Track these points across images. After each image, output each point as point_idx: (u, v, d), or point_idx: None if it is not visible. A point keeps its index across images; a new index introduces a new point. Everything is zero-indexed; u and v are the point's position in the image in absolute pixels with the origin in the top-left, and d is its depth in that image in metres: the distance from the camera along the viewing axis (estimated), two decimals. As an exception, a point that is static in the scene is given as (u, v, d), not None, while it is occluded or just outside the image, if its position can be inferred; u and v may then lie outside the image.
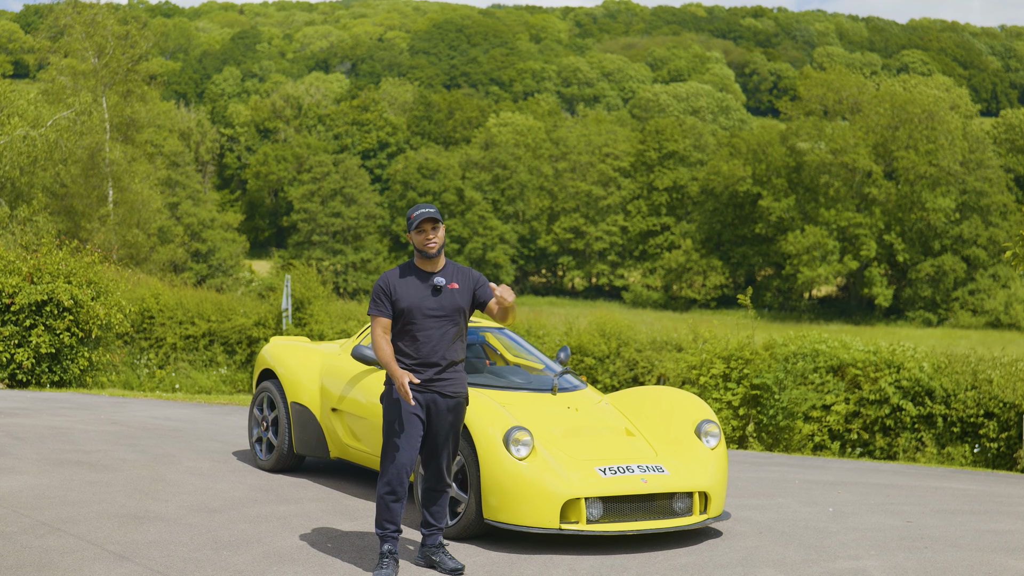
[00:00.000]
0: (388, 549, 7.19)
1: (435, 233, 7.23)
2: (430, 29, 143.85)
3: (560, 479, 7.81)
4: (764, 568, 7.55)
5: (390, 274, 7.30)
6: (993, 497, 10.80)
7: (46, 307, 18.35)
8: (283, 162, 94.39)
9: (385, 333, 7.24)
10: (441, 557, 7.34)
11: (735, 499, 9.83)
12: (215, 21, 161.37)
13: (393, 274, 7.30)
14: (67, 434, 11.81)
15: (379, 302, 7.22)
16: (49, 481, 9.38)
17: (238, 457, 10.93)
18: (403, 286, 7.25)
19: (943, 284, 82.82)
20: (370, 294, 7.27)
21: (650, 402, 8.96)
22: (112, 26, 50.37)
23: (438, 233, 7.25)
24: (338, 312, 23.17)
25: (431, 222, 7.21)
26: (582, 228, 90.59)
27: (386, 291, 7.23)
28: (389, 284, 7.25)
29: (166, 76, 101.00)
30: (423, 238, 7.21)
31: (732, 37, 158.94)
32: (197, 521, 8.28)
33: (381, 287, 7.24)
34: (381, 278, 7.26)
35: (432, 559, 7.38)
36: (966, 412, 14.96)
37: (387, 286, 7.24)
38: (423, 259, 7.29)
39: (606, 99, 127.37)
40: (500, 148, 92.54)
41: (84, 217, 47.47)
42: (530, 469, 7.82)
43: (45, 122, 40.91)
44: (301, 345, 10.53)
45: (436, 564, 7.34)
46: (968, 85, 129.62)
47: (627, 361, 19.53)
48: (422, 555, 7.46)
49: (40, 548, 7.43)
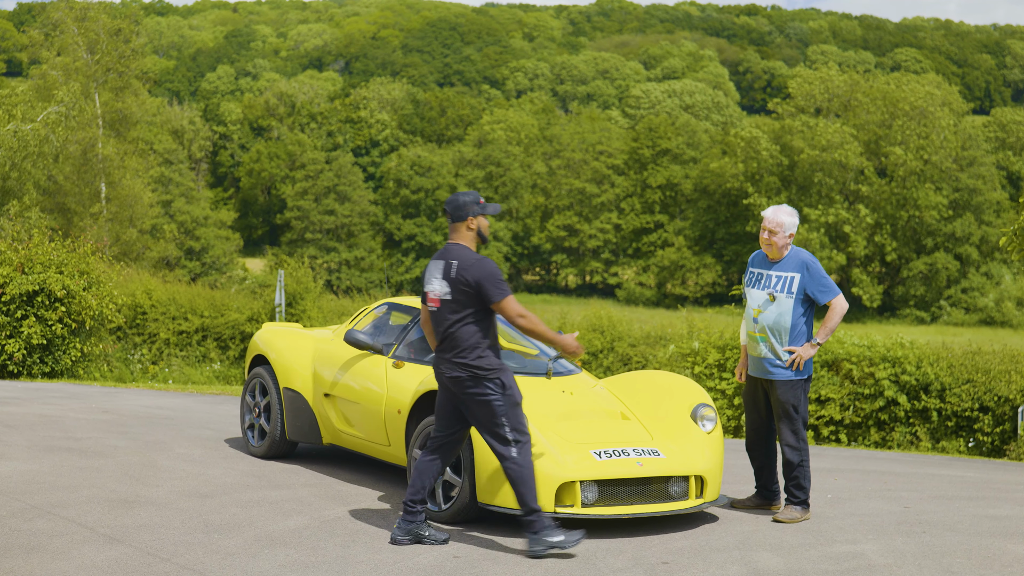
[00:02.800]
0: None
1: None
2: (424, 27, 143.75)
3: (555, 462, 7.74)
4: (761, 552, 7.49)
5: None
6: (991, 484, 10.74)
7: (37, 297, 18.24)
8: (276, 160, 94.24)
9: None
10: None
11: (731, 484, 9.76)
12: (208, 19, 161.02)
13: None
14: (58, 422, 11.72)
15: (504, 282, 7.50)
16: (39, 467, 9.30)
17: (230, 444, 10.85)
18: None
19: (935, 282, 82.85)
20: (495, 278, 7.39)
21: (645, 386, 8.90)
22: (105, 22, 50.23)
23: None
24: (331, 307, 23.08)
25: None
26: (576, 226, 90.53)
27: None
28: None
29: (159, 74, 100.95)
30: (487, 225, 7.64)
31: (726, 35, 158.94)
32: (188, 506, 8.21)
33: (500, 270, 7.54)
34: (494, 263, 7.45)
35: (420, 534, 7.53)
36: (961, 406, 14.90)
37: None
38: (478, 246, 7.65)
39: (601, 97, 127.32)
40: (494, 145, 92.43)
41: (77, 214, 47.29)
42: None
43: (36, 117, 40.76)
44: (293, 331, 10.45)
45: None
46: (961, 83, 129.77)
47: (621, 356, 19.46)
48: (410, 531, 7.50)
49: (29, 531, 7.36)
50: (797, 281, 8.35)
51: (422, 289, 7.70)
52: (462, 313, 7.40)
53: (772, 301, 8.37)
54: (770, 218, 8.42)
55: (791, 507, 8.43)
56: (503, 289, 7.38)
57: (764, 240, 8.44)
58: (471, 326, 7.40)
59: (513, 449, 7.33)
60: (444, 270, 7.48)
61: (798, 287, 8.35)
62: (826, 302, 8.37)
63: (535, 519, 7.28)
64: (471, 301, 7.39)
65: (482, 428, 7.41)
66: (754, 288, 8.53)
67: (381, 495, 8.89)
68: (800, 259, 8.40)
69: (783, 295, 8.36)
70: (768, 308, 8.39)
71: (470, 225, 7.54)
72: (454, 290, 7.40)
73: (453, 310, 7.42)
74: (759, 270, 8.56)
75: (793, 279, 8.37)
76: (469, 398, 7.38)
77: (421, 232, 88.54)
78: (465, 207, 7.52)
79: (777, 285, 8.39)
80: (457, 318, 7.41)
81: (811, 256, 8.43)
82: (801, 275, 8.36)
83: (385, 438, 8.90)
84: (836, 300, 8.37)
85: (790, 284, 8.36)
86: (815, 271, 8.36)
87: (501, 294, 7.36)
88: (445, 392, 7.54)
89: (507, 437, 7.34)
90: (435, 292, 7.52)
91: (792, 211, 8.45)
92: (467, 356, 7.37)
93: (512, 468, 7.32)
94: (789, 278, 8.38)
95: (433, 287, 7.54)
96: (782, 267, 8.44)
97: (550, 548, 7.23)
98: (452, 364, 7.40)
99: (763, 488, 8.74)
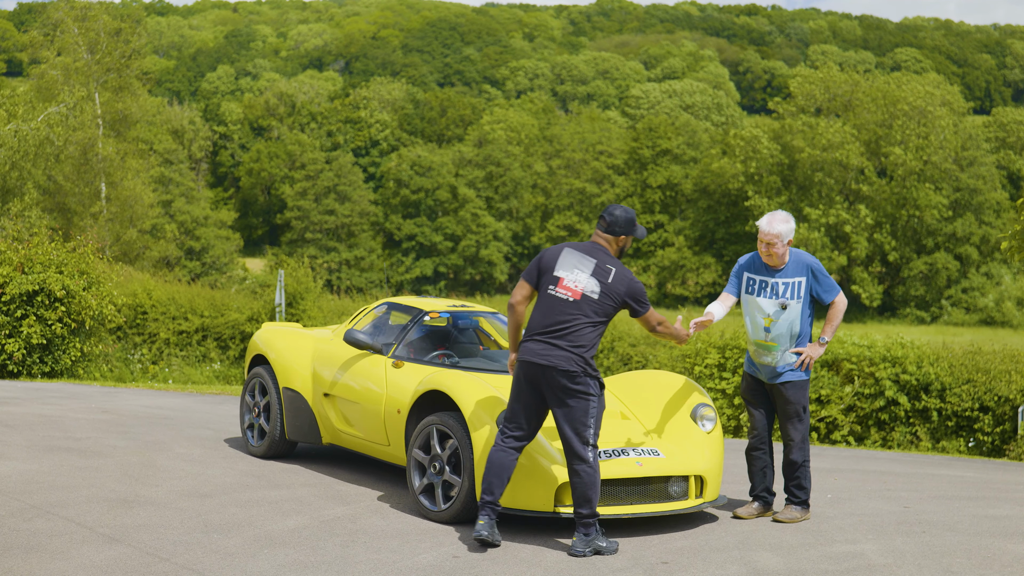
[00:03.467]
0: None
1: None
2: (424, 27, 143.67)
3: (555, 462, 7.73)
4: (761, 552, 7.48)
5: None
6: (990, 484, 10.74)
7: (37, 297, 18.23)
8: (276, 160, 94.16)
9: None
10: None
11: (731, 484, 9.76)
12: (209, 19, 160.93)
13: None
14: (57, 422, 11.72)
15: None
16: (39, 467, 9.29)
17: (230, 444, 10.85)
18: None
19: (936, 282, 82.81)
20: (644, 293, 7.73)
21: (645, 386, 8.88)
22: (105, 22, 50.20)
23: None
24: (331, 307, 23.06)
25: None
26: (576, 226, 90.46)
27: None
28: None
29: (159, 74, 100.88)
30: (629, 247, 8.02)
31: (726, 35, 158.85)
32: (187, 505, 8.20)
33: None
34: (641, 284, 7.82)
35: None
36: (961, 406, 14.88)
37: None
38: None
39: (601, 97, 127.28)
40: (494, 145, 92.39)
41: (77, 214, 47.27)
42: (525, 452, 7.75)
43: (36, 117, 40.74)
44: (293, 330, 10.44)
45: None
46: (962, 83, 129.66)
47: (621, 355, 19.45)
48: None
49: (29, 531, 7.35)
50: (804, 285, 8.31)
51: (547, 273, 7.67)
52: (599, 316, 7.52)
53: (784, 310, 8.30)
54: (766, 230, 8.26)
55: (791, 507, 8.41)
56: (645, 303, 7.70)
57: (764, 252, 8.31)
58: (598, 328, 7.54)
59: (590, 452, 7.38)
60: (596, 269, 7.57)
61: (805, 291, 8.32)
62: (830, 301, 8.39)
63: (593, 522, 7.36)
64: (610, 311, 7.55)
65: (567, 424, 7.41)
66: (760, 297, 8.37)
67: (381, 495, 8.89)
68: (803, 262, 8.33)
69: (794, 302, 8.30)
70: (781, 317, 8.29)
71: (619, 242, 7.76)
72: (603, 294, 7.54)
73: (593, 310, 7.51)
74: (761, 277, 8.38)
75: (800, 284, 8.31)
76: (569, 393, 7.40)
77: (421, 232, 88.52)
78: (633, 227, 7.75)
79: (786, 293, 8.30)
80: (590, 317, 7.50)
81: (812, 258, 8.37)
82: (807, 279, 8.32)
83: (385, 438, 8.89)
84: (838, 298, 8.39)
85: (798, 289, 8.31)
86: (819, 273, 8.33)
87: (649, 305, 7.75)
88: (531, 388, 7.52)
89: (589, 439, 7.39)
90: (580, 285, 7.55)
91: (786, 217, 8.31)
92: (585, 352, 7.44)
93: (587, 471, 7.36)
94: (796, 283, 8.31)
95: (579, 279, 7.56)
96: (787, 273, 8.32)
97: (595, 552, 7.34)
98: (568, 355, 7.42)
99: (766, 492, 8.64)
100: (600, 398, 7.52)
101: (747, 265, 8.48)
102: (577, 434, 7.37)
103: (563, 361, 7.40)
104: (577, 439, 7.37)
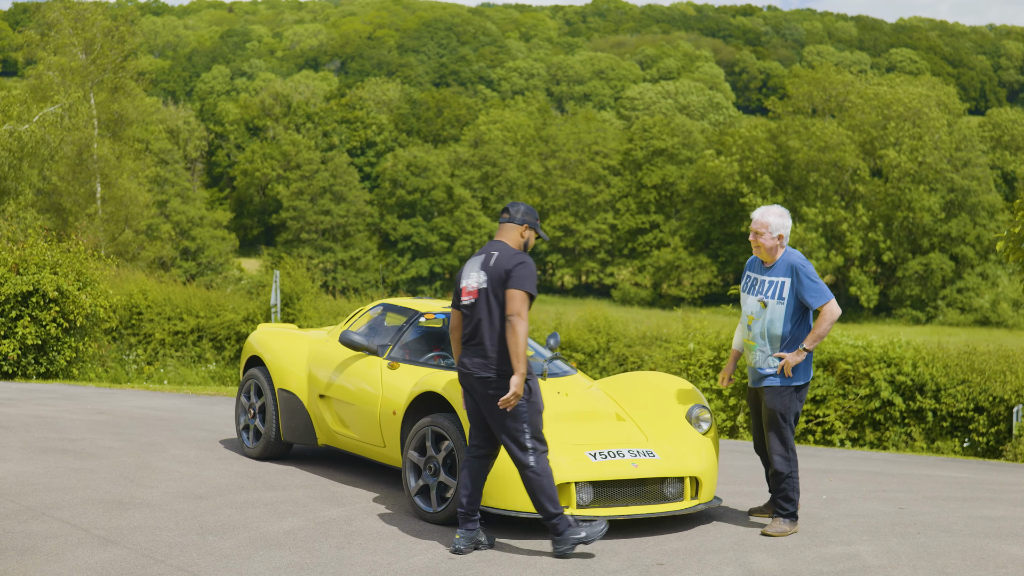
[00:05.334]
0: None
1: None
2: (419, 27, 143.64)
3: (550, 463, 7.72)
4: (756, 553, 7.49)
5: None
6: (985, 484, 10.75)
7: (32, 298, 18.22)
8: (271, 160, 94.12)
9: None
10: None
11: (726, 486, 9.76)
12: (204, 19, 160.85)
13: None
14: (52, 423, 11.71)
15: (535, 283, 7.39)
16: (34, 468, 9.28)
17: (225, 445, 10.84)
18: None
19: (931, 282, 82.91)
20: (527, 269, 7.29)
21: (641, 387, 8.88)
22: (100, 22, 50.13)
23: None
24: (327, 308, 23.05)
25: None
26: (571, 226, 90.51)
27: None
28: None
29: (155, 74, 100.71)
30: (534, 241, 7.64)
31: (722, 35, 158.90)
32: (183, 507, 8.20)
33: (536, 274, 7.41)
34: (533, 265, 7.36)
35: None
36: (956, 407, 14.90)
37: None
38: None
39: (596, 97, 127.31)
40: (490, 146, 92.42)
41: (72, 214, 47.22)
42: (520, 453, 7.75)
43: (32, 117, 40.69)
44: (288, 332, 10.44)
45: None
46: (957, 84, 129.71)
47: (616, 356, 19.47)
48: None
49: (24, 533, 7.34)
50: (787, 286, 8.03)
51: (456, 289, 7.53)
52: (497, 308, 7.28)
53: (764, 308, 8.07)
54: (757, 219, 8.12)
55: (779, 520, 8.11)
56: (529, 284, 7.22)
57: (752, 243, 8.15)
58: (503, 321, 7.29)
59: (531, 457, 7.24)
60: (483, 262, 7.38)
61: (789, 292, 8.02)
62: (818, 307, 8.01)
63: (557, 522, 7.25)
64: (502, 295, 7.25)
65: (501, 432, 7.29)
66: (748, 294, 8.24)
67: (376, 496, 8.89)
68: (789, 263, 8.06)
69: (774, 301, 8.04)
70: (760, 315, 8.09)
71: (523, 232, 7.54)
72: (489, 280, 7.29)
73: (488, 301, 7.29)
74: (754, 275, 8.25)
75: (783, 284, 8.04)
76: (494, 399, 7.26)
77: (417, 232, 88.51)
78: (525, 214, 7.55)
79: (769, 291, 8.08)
80: (491, 313, 7.29)
81: (802, 259, 8.09)
82: (791, 280, 8.03)
83: (380, 439, 8.89)
84: (828, 306, 7.99)
85: (780, 290, 8.04)
86: (804, 275, 7.98)
87: (523, 285, 7.21)
88: (471, 400, 7.45)
89: (526, 444, 7.25)
90: (473, 284, 7.37)
91: (782, 212, 8.14)
92: (500, 354, 7.26)
93: (531, 476, 7.24)
94: (779, 283, 8.06)
95: (471, 280, 7.39)
96: (773, 272, 8.10)
97: (576, 545, 7.26)
98: (483, 361, 7.29)
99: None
100: (531, 399, 7.29)
101: (749, 264, 8.43)
102: (514, 440, 7.25)
103: (480, 368, 7.30)
104: (515, 446, 7.25)
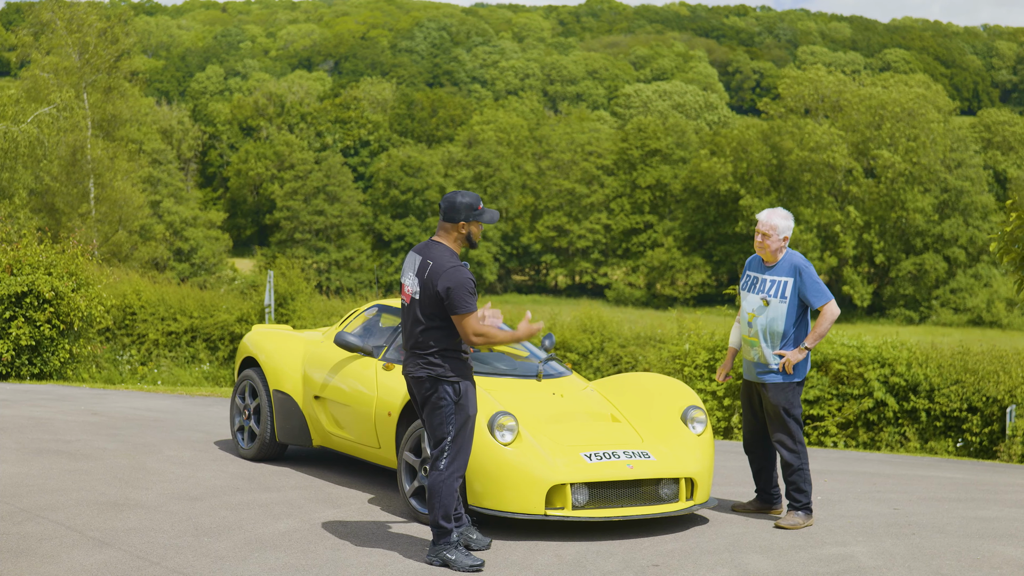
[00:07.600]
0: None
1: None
2: (413, 27, 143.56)
3: (545, 464, 7.74)
4: (751, 554, 7.50)
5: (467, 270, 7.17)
6: (979, 485, 10.76)
7: (26, 299, 18.20)
8: (264, 160, 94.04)
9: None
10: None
11: (722, 487, 9.77)
12: (198, 19, 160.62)
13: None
14: (47, 424, 11.69)
15: (473, 296, 7.09)
16: (28, 470, 9.27)
17: (220, 446, 10.83)
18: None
19: (924, 282, 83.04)
20: (461, 290, 7.01)
21: (636, 388, 8.90)
22: (94, 23, 50.07)
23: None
24: (321, 308, 23.04)
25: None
26: (565, 226, 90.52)
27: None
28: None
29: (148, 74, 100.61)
30: (479, 232, 7.31)
31: (715, 36, 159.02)
32: (178, 508, 8.19)
33: (473, 282, 7.12)
34: (469, 273, 7.10)
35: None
36: (949, 407, 14.92)
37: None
38: (464, 251, 7.30)
39: (590, 98, 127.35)
40: (483, 146, 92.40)
41: (65, 215, 47.19)
42: (515, 454, 7.75)
43: (26, 118, 40.65)
44: (283, 332, 10.43)
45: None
46: (950, 84, 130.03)
47: (611, 356, 19.46)
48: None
49: (18, 534, 7.33)
50: (790, 286, 8.33)
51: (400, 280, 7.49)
52: (428, 318, 7.15)
53: (766, 306, 8.36)
54: (764, 221, 8.40)
55: (792, 513, 8.35)
56: (468, 304, 7.02)
57: (758, 243, 8.43)
58: (438, 330, 7.15)
59: (443, 461, 7.10)
60: (419, 267, 7.21)
61: (791, 292, 8.32)
62: (819, 306, 8.33)
63: (437, 532, 7.10)
64: (437, 308, 7.12)
65: (428, 432, 7.21)
66: (749, 292, 8.51)
67: (371, 497, 8.88)
68: (793, 263, 8.37)
69: (776, 300, 8.34)
70: (762, 313, 8.37)
71: (460, 229, 7.25)
72: (422, 291, 7.16)
73: (422, 311, 7.17)
74: (755, 274, 8.54)
75: (786, 284, 8.35)
76: (426, 401, 7.17)
77: (410, 232, 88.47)
78: (460, 211, 7.19)
79: (771, 290, 8.37)
80: (421, 322, 7.17)
81: (805, 260, 8.41)
82: (794, 279, 8.33)
83: (375, 440, 8.89)
84: (828, 306, 8.32)
85: (783, 289, 8.34)
86: (808, 275, 8.32)
87: (464, 308, 7.02)
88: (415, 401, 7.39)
89: (444, 448, 7.11)
90: (409, 287, 7.28)
91: (787, 214, 8.42)
92: (432, 357, 7.15)
93: (435, 477, 7.08)
94: (782, 283, 8.36)
95: (408, 281, 7.31)
96: (776, 271, 8.41)
97: (442, 564, 7.06)
98: (416, 362, 7.19)
99: (763, 491, 8.73)
100: (459, 403, 7.13)
101: (748, 264, 8.68)
102: (435, 441, 7.14)
103: (415, 369, 7.21)
104: (435, 447, 7.14)
